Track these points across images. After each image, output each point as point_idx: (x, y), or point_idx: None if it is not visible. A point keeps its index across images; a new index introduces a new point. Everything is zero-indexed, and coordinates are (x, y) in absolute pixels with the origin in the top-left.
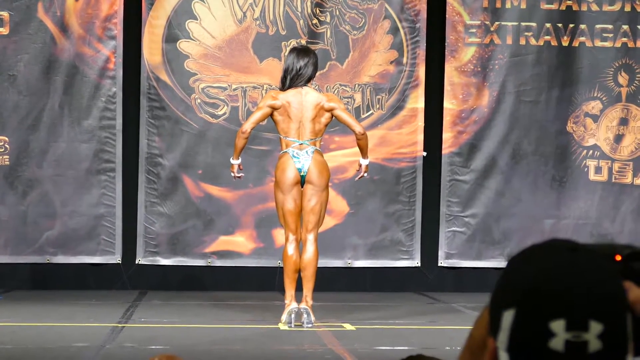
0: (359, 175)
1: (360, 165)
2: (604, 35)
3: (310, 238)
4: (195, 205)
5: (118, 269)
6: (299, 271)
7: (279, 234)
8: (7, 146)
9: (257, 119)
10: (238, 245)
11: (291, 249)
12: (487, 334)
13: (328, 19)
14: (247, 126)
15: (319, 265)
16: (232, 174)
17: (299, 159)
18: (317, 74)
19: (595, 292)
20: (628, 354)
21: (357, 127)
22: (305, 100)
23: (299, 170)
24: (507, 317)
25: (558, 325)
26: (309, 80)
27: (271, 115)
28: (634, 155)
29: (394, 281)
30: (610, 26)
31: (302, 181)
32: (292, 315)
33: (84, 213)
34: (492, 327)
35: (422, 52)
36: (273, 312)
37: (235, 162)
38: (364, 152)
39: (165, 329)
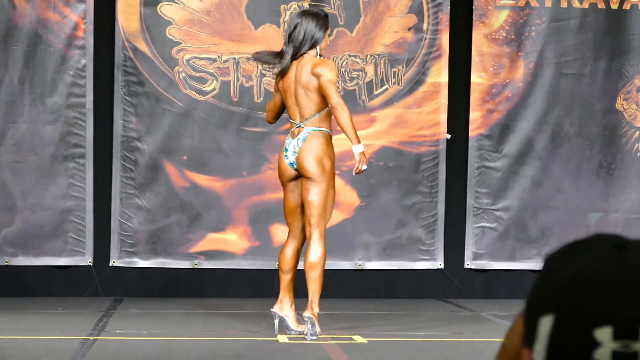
0: (356, 168)
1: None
2: None
3: (315, 236)
4: (179, 197)
5: (89, 272)
6: (292, 273)
7: (277, 231)
8: None
9: (271, 108)
10: (230, 244)
11: (285, 246)
12: (522, 344)
13: None
14: (269, 120)
15: (325, 267)
16: None
17: (288, 151)
18: None
19: None
20: None
21: (332, 99)
22: (298, 68)
23: (291, 165)
24: (545, 325)
25: (604, 334)
26: (312, 46)
27: None
28: None
29: (413, 286)
30: None
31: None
32: (275, 322)
33: (49, 206)
34: (528, 336)
35: (445, 16)
36: (271, 322)
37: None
38: (347, 134)
39: (145, 342)
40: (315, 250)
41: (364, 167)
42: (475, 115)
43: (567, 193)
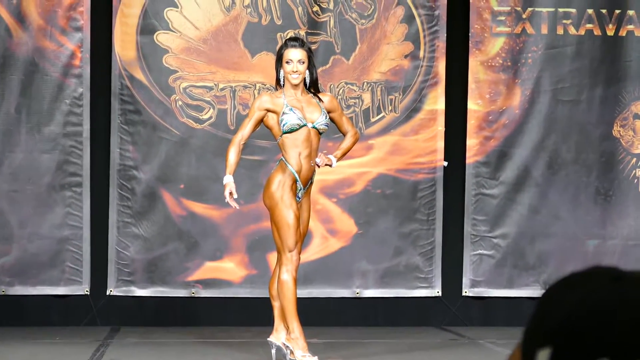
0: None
1: None
2: None
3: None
4: (176, 225)
5: (86, 301)
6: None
7: (274, 259)
8: None
9: None
10: (227, 273)
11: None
12: None
13: (331, 6)
14: None
15: (323, 295)
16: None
17: None
18: (319, 70)
19: None
20: None
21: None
22: None
23: None
24: (543, 357)
25: None
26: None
27: None
28: None
29: (411, 314)
30: None
31: None
32: (273, 351)
33: (46, 236)
34: None
35: (442, 44)
36: (268, 351)
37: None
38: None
39: None
40: (277, 277)
41: (227, 200)
42: (472, 142)
43: (565, 220)
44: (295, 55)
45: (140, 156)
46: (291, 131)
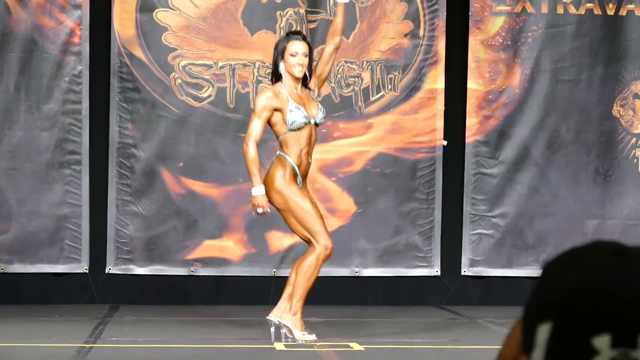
0: (253, 212)
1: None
2: None
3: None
4: (175, 204)
5: (85, 279)
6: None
7: (273, 238)
8: None
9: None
10: (226, 251)
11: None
12: (520, 351)
13: None
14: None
15: (322, 274)
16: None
17: None
18: (319, 48)
19: None
20: None
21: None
22: None
23: None
24: (543, 333)
25: (602, 342)
26: (277, 79)
27: None
28: None
29: (410, 293)
30: None
31: None
32: (272, 329)
33: (45, 214)
34: (526, 344)
35: (441, 22)
36: (267, 329)
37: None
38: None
39: (141, 350)
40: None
41: (259, 211)
42: (471, 121)
43: (564, 200)
44: (300, 48)
45: (139, 134)
46: (297, 129)
